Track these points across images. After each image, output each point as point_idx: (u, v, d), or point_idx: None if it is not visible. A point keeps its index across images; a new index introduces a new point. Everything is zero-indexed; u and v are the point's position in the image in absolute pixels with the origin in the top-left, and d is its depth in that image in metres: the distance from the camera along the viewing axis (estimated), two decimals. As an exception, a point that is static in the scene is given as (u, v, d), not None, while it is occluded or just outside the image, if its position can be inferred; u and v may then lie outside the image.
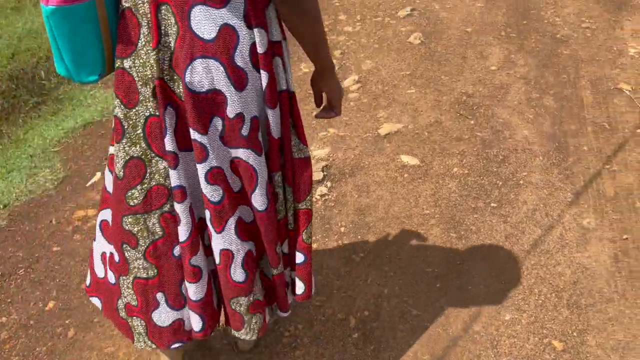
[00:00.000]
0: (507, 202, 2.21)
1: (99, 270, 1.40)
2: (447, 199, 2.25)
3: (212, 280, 1.33)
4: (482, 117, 2.69)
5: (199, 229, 1.25)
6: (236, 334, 1.38)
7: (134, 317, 1.33)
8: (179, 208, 1.18)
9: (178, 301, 1.31)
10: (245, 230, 1.27)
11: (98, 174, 2.46)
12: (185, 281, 1.27)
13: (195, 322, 1.32)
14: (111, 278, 1.35)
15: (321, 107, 1.32)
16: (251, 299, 1.31)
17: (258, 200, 1.21)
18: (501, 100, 2.80)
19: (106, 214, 1.32)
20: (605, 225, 2.09)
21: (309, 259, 1.36)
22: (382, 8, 3.75)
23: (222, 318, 1.46)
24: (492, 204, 2.21)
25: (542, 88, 2.88)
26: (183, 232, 1.20)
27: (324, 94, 1.28)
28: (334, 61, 1.68)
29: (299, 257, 1.36)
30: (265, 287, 1.39)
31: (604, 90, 2.85)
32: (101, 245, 1.37)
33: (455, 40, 3.36)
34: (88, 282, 1.48)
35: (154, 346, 1.35)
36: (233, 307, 1.32)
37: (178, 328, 1.33)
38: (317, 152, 2.51)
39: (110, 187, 1.28)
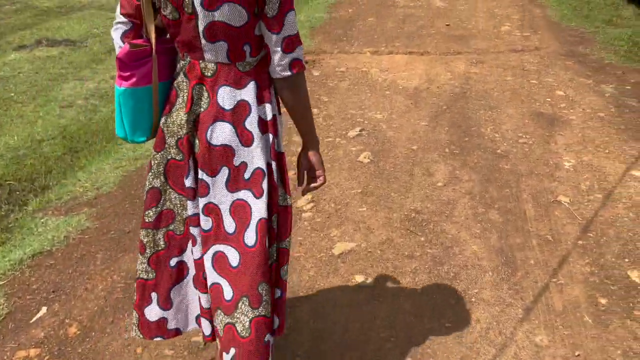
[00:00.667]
0: (461, 321, 2.22)
1: None
2: (403, 320, 2.24)
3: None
4: (432, 233, 2.77)
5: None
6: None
7: (134, 311, 1.65)
8: (194, 231, 1.53)
9: (167, 303, 1.63)
10: (223, 267, 1.51)
11: (44, 309, 2.36)
12: (199, 291, 1.60)
13: (205, 327, 1.63)
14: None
15: (304, 185, 1.63)
16: (214, 325, 1.60)
17: (249, 235, 1.48)
18: (449, 216, 2.90)
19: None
20: (557, 341, 2.11)
21: (284, 294, 1.62)
22: (333, 129, 3.95)
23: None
24: (447, 324, 2.21)
25: (487, 202, 3.02)
26: (197, 252, 1.55)
27: (305, 174, 1.61)
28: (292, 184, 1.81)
29: (277, 292, 1.60)
30: (224, 332, 1.56)
31: (545, 203, 3.00)
32: None
33: (403, 158, 3.54)
34: None
35: (141, 336, 1.66)
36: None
37: (162, 325, 1.65)
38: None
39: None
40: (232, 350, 1.51)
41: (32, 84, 5.22)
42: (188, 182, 1.51)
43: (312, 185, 1.61)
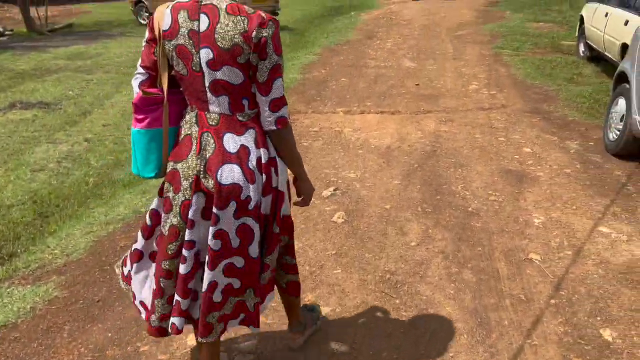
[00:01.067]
0: (437, 388, 2.19)
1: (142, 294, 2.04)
2: (378, 388, 2.20)
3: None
4: (406, 295, 2.77)
5: (200, 267, 1.87)
6: (202, 339, 1.90)
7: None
8: (186, 253, 1.81)
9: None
10: (232, 271, 1.86)
11: (5, 387, 2.26)
12: (178, 297, 1.85)
13: (178, 323, 1.88)
14: (147, 301, 2.01)
15: (298, 200, 2.02)
16: (221, 313, 1.90)
17: (253, 250, 1.85)
18: (423, 277, 2.91)
19: (144, 267, 2.03)
20: (534, 406, 2.09)
21: (262, 292, 2.01)
22: (307, 189, 3.96)
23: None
24: (423, 391, 2.18)
25: (460, 262, 3.04)
26: (183, 268, 1.83)
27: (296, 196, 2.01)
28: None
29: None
30: (235, 307, 1.94)
31: (517, 261, 3.04)
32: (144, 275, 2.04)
33: (376, 217, 3.56)
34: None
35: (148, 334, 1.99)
36: (208, 320, 1.87)
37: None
38: (246, 344, 2.45)
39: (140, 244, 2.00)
40: (242, 315, 1.97)
41: (4, 147, 5.18)
42: (190, 214, 1.79)
43: (296, 202, 2.03)
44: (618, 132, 4.47)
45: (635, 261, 3.01)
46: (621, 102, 4.50)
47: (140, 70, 1.82)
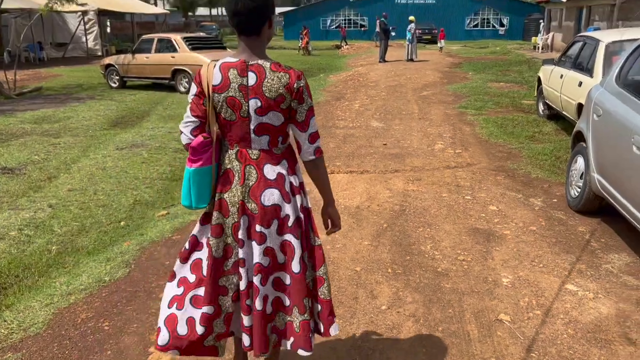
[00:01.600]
0: None
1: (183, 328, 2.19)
2: None
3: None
4: (378, 362, 2.70)
5: (251, 286, 2.13)
6: (260, 356, 2.16)
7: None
8: (242, 271, 2.11)
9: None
10: (280, 285, 2.17)
11: None
12: (242, 314, 2.15)
13: (245, 340, 2.16)
14: (199, 327, 2.17)
15: (328, 229, 2.32)
16: (273, 324, 2.19)
17: (295, 266, 2.11)
18: (395, 343, 2.86)
19: (198, 291, 2.19)
20: None
21: (325, 308, 2.22)
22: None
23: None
24: None
25: (431, 325, 3.00)
26: (243, 284, 2.12)
27: (329, 221, 2.31)
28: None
29: (317, 307, 2.24)
30: (287, 325, 2.21)
31: (487, 323, 3.02)
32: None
33: (347, 280, 3.53)
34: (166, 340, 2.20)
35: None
36: (263, 332, 2.13)
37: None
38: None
39: (194, 274, 2.21)
40: (291, 339, 2.18)
41: (-37, 215, 5.01)
42: (240, 235, 2.10)
43: (331, 229, 2.32)
44: (579, 190, 4.60)
45: (603, 319, 3.03)
46: (580, 160, 4.65)
47: (192, 118, 2.10)
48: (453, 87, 12.92)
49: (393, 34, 21.45)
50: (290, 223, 2.10)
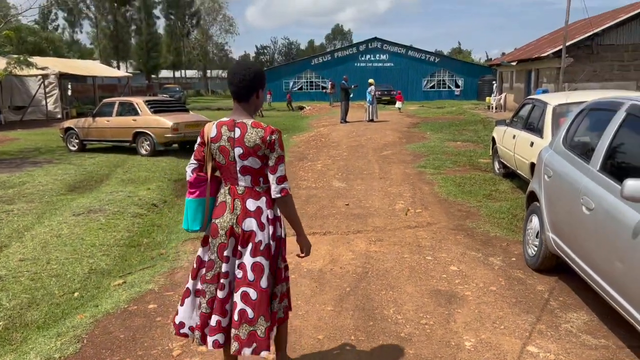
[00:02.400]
0: None
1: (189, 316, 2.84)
2: None
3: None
4: None
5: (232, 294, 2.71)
6: (235, 351, 2.67)
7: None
8: (224, 281, 2.67)
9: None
10: (247, 299, 2.65)
11: None
12: (220, 317, 2.70)
13: (219, 338, 2.71)
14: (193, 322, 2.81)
15: (299, 254, 2.92)
16: (236, 332, 2.66)
17: (263, 282, 2.64)
18: (358, 415, 2.77)
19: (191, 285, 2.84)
20: None
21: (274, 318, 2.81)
22: (237, 322, 3.81)
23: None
24: None
25: (395, 394, 2.93)
26: (221, 293, 2.68)
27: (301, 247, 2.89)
28: None
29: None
30: (249, 335, 2.66)
31: (452, 389, 2.97)
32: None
33: (309, 349, 3.44)
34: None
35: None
36: (236, 332, 2.67)
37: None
38: None
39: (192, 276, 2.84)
40: (254, 344, 2.64)
41: None
42: (225, 253, 2.69)
43: (299, 255, 2.92)
44: (536, 248, 4.70)
45: (565, 381, 3.03)
46: (535, 219, 4.78)
47: (194, 161, 2.79)
48: (412, 147, 13.26)
49: (352, 95, 22.08)
50: (262, 247, 2.67)
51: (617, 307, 3.22)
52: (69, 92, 28.30)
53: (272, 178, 2.63)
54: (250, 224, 2.64)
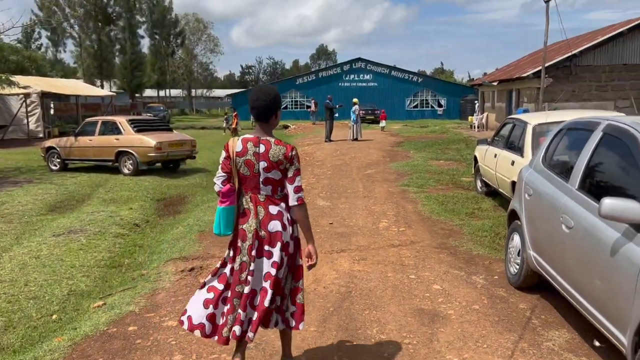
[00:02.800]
0: None
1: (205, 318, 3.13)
2: None
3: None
4: None
5: (257, 291, 3.07)
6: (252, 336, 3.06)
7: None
8: (250, 279, 3.01)
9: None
10: (277, 287, 3.08)
11: None
12: (240, 311, 3.02)
13: (237, 329, 3.02)
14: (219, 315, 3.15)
15: (308, 264, 3.16)
16: (276, 318, 3.19)
17: (280, 274, 3.05)
18: None
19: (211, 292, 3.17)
20: None
21: (299, 309, 3.20)
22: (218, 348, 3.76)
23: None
24: None
25: (378, 416, 2.91)
26: (247, 289, 3.00)
27: (308, 256, 3.16)
28: None
29: (292, 308, 3.21)
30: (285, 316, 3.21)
31: (435, 410, 2.95)
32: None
33: (292, 371, 3.40)
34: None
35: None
36: (272, 319, 3.18)
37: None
38: None
39: (220, 281, 3.18)
40: (293, 322, 3.19)
41: None
42: (253, 253, 3.03)
43: (309, 264, 3.16)
44: (518, 266, 4.73)
45: (548, 400, 3.03)
46: (516, 238, 4.82)
47: (222, 173, 3.11)
48: (395, 166, 13.34)
49: (336, 115, 22.23)
50: (285, 244, 3.05)
51: (598, 324, 3.24)
52: (52, 111, 28.01)
53: (290, 188, 3.03)
54: (275, 225, 3.02)
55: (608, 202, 2.92)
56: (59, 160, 14.02)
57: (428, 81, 49.01)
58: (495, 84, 27.29)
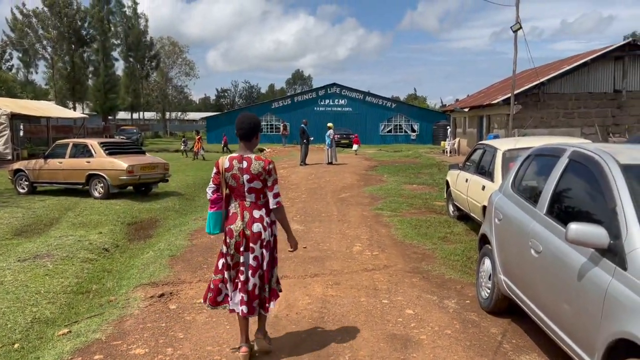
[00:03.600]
0: None
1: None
2: None
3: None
4: None
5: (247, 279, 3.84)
6: (248, 316, 3.86)
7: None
8: (242, 268, 3.80)
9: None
10: (262, 278, 3.86)
11: None
12: (240, 293, 3.84)
13: (243, 309, 3.81)
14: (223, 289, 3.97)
15: (290, 249, 4.09)
16: (257, 301, 3.90)
17: (265, 266, 3.84)
18: None
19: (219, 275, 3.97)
20: None
21: (272, 293, 3.99)
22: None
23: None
24: None
25: None
26: (243, 277, 3.81)
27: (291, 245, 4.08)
28: None
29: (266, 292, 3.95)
30: (260, 300, 3.91)
31: None
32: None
33: (262, 399, 3.33)
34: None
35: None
36: (253, 305, 3.85)
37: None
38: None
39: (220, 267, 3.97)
40: (271, 303, 3.95)
41: None
42: (241, 249, 3.77)
43: (290, 250, 4.06)
44: (489, 290, 4.76)
45: None
46: (487, 262, 4.87)
47: (212, 185, 3.87)
48: (370, 189, 13.41)
49: (312, 138, 22.35)
50: (264, 243, 3.80)
51: (567, 349, 3.27)
52: (21, 133, 27.48)
53: (270, 194, 3.78)
54: (258, 227, 3.77)
55: (574, 227, 2.98)
56: (27, 183, 13.69)
57: (401, 107, 49.76)
58: (466, 110, 27.86)
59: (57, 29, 50.03)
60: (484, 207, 6.78)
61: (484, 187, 7.22)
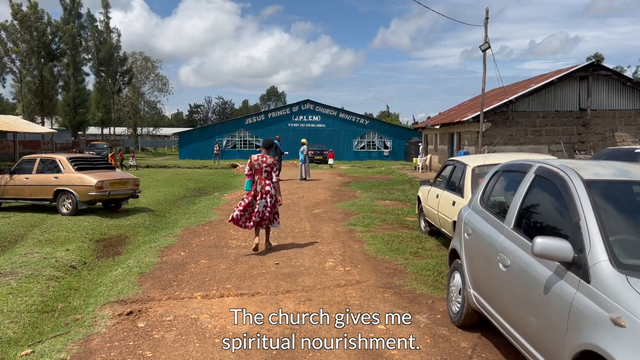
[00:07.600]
0: None
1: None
2: None
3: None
4: None
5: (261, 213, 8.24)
6: (263, 227, 8.42)
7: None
8: (257, 208, 8.11)
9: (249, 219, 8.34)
10: (270, 212, 8.27)
11: None
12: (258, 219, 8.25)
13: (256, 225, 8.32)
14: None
15: (279, 203, 8.51)
16: (267, 221, 8.35)
17: (270, 208, 8.22)
18: None
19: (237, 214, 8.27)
20: None
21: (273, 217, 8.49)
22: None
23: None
24: None
25: None
26: (257, 214, 8.17)
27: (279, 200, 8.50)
28: None
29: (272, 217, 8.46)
30: (269, 220, 8.37)
31: None
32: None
33: (232, 418, 3.28)
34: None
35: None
36: (266, 223, 8.37)
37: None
38: None
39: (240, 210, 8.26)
40: (272, 224, 8.42)
41: None
42: (258, 198, 8.06)
43: (279, 203, 8.48)
44: (459, 305, 4.81)
45: None
46: (457, 277, 4.92)
47: (248, 169, 8.08)
48: (343, 205, 13.45)
49: (286, 153, 22.39)
50: (272, 195, 8.02)
51: (534, 361, 3.31)
52: (-14, 148, 26.82)
53: (273, 175, 8.03)
54: (269, 190, 7.91)
55: (540, 242, 3.04)
56: (10, 199, 13.32)
57: (374, 123, 50.31)
58: (438, 127, 28.31)
59: (27, 42, 49.22)
60: (454, 222, 6.87)
61: (454, 203, 7.32)
